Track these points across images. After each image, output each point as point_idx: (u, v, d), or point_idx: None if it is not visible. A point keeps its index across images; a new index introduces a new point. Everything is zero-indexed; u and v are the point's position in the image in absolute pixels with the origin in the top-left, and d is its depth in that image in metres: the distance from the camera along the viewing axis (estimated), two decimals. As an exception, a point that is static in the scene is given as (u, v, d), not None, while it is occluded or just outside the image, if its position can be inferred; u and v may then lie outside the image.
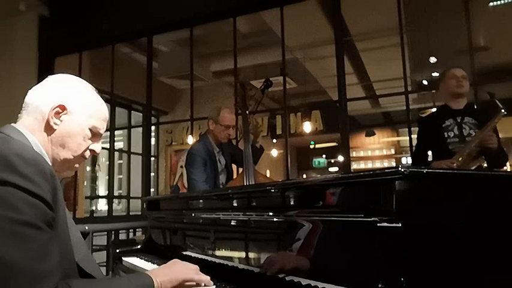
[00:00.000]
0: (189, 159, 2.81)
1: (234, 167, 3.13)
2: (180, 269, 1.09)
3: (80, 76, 1.16)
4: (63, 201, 0.94)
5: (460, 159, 2.30)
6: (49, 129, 1.04)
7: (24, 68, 4.77)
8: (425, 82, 6.19)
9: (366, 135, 9.47)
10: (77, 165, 1.12)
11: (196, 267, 1.13)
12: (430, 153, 2.60)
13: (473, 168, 2.27)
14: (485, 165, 2.33)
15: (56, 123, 1.04)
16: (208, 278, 1.12)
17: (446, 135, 2.44)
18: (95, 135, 1.11)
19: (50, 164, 1.03)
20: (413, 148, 3.45)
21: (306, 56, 5.64)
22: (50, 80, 1.10)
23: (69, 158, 1.07)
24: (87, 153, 1.12)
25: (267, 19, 4.40)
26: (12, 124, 1.04)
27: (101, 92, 1.16)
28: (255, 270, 1.21)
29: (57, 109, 1.04)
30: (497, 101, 2.38)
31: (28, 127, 1.03)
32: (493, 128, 2.36)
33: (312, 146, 9.98)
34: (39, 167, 0.85)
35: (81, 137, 1.08)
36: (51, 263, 0.81)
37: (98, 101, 1.14)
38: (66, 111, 1.06)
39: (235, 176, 2.99)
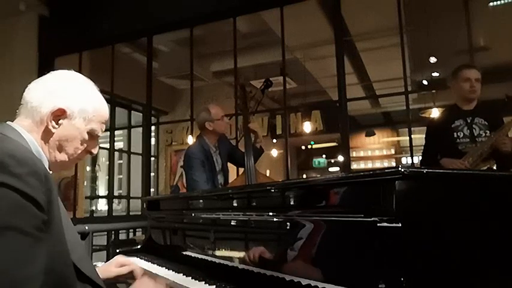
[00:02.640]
0: (187, 161, 2.79)
1: (233, 168, 3.12)
2: None
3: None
4: (60, 202, 0.93)
5: (471, 159, 2.29)
6: (46, 132, 1.02)
7: (24, 68, 4.76)
8: (425, 82, 6.19)
9: (366, 135, 9.48)
10: (72, 166, 1.11)
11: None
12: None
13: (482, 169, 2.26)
14: (495, 167, 2.32)
15: (54, 127, 1.02)
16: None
17: (455, 135, 2.42)
18: (92, 137, 1.09)
19: (47, 164, 1.02)
20: (413, 148, 3.44)
21: (306, 56, 5.63)
22: (51, 77, 1.06)
23: (65, 160, 1.06)
24: (83, 155, 1.10)
25: (267, 19, 4.40)
26: (8, 122, 1.01)
27: (101, 92, 1.13)
28: (255, 270, 1.21)
29: (56, 113, 1.01)
30: None
31: (25, 127, 1.00)
32: (508, 131, 2.34)
33: (311, 146, 9.98)
34: (33, 167, 0.83)
35: (79, 141, 1.06)
36: (34, 268, 0.79)
37: (98, 102, 1.10)
38: (65, 115, 1.03)
39: (230, 177, 2.98)
